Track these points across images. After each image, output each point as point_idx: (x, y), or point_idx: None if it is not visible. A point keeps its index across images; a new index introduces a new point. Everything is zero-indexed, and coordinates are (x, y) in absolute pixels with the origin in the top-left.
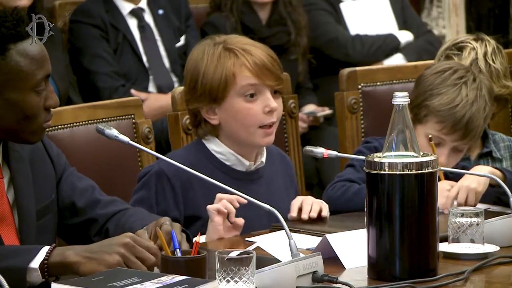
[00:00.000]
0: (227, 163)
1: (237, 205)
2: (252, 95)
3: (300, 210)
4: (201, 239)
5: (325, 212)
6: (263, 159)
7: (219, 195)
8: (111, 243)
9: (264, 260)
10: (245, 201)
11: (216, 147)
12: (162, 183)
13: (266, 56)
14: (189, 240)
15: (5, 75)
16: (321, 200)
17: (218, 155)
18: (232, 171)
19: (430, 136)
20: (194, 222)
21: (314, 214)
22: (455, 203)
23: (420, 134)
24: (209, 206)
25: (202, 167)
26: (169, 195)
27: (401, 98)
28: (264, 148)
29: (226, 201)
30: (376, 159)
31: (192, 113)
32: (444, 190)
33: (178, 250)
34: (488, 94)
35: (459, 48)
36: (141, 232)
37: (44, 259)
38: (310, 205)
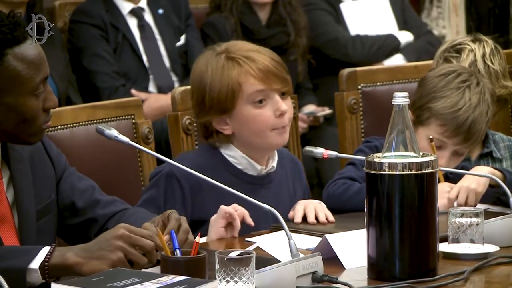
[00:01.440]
0: (239, 166)
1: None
2: (261, 101)
3: (304, 217)
4: (201, 240)
5: (331, 218)
6: (274, 164)
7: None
8: (107, 238)
9: (264, 260)
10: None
11: (229, 151)
12: (172, 184)
13: (270, 60)
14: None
15: (3, 80)
16: (319, 202)
17: (230, 159)
18: (243, 174)
19: (430, 137)
20: (200, 226)
21: (323, 220)
22: (455, 203)
23: (422, 136)
24: (223, 207)
25: (213, 169)
26: (178, 197)
27: (401, 98)
28: (276, 152)
29: (238, 218)
30: (376, 160)
31: (203, 125)
32: (444, 191)
33: (178, 250)
34: (491, 98)
35: (457, 50)
36: (148, 225)
37: (45, 260)
38: (314, 210)
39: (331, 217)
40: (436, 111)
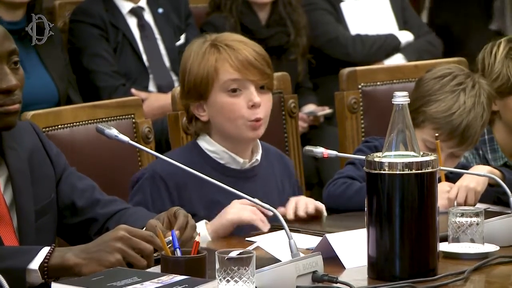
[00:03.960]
0: (221, 161)
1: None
2: (235, 90)
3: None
4: (206, 226)
5: (322, 210)
6: (258, 157)
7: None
8: (107, 239)
9: (264, 260)
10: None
11: (209, 146)
12: (156, 184)
13: (250, 51)
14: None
15: None
16: (312, 200)
17: (211, 154)
18: (226, 169)
19: (436, 134)
20: None
21: (311, 210)
22: (455, 203)
23: (417, 138)
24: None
25: (197, 167)
26: (164, 195)
27: (401, 98)
28: (259, 145)
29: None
30: (376, 159)
31: (186, 109)
32: (444, 191)
33: (178, 250)
34: (487, 100)
35: None
36: (154, 222)
37: (44, 261)
38: (305, 204)
39: (322, 209)
40: (430, 114)
